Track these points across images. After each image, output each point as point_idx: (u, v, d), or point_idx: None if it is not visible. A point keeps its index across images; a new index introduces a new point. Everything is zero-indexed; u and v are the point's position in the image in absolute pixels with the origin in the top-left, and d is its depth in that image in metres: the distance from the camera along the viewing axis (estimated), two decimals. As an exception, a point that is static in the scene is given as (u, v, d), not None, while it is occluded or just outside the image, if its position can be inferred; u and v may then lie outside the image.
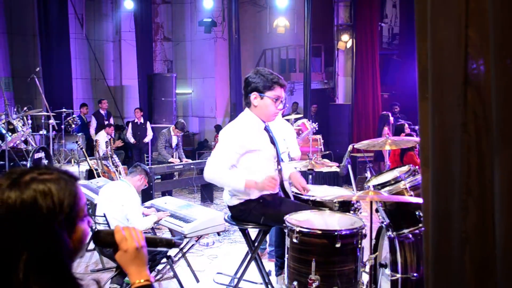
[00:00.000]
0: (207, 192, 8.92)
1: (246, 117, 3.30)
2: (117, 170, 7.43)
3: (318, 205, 3.27)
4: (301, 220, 2.82)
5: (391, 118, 10.29)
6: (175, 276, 4.56)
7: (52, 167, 1.39)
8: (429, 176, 1.62)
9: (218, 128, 13.59)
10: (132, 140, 10.90)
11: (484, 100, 1.27)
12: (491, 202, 1.27)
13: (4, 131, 6.90)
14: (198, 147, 14.44)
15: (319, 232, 2.64)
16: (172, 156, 8.98)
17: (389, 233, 2.92)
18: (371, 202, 2.75)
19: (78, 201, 1.30)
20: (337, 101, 13.52)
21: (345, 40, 13.20)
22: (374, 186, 3.20)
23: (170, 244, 1.59)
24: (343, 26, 13.28)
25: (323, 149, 9.97)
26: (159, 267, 4.84)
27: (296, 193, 3.51)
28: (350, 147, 4.01)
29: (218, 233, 4.92)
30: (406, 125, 8.40)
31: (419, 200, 2.66)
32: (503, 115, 1.19)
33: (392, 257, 2.87)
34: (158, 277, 4.99)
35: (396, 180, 3.13)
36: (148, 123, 11.12)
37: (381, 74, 13.08)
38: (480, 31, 1.29)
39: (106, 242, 1.43)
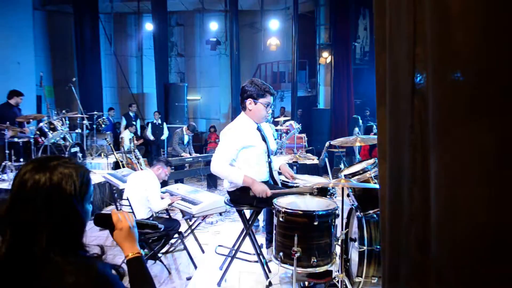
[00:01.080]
0: (212, 180, 8.98)
1: (242, 119, 3.33)
2: (138, 162, 7.43)
3: (301, 191, 3.30)
4: (286, 202, 2.84)
5: (361, 120, 10.35)
6: (185, 248, 4.58)
7: (72, 158, 1.40)
8: (385, 168, 1.65)
9: (213, 128, 13.59)
10: (151, 137, 10.92)
11: (427, 106, 1.30)
12: (429, 191, 1.29)
13: (46, 130, 6.89)
14: (205, 143, 14.43)
15: (301, 212, 2.66)
16: (184, 151, 8.99)
17: (358, 213, 2.94)
18: (342, 188, 2.76)
19: (90, 187, 1.34)
20: (318, 106, 13.54)
21: (326, 56, 13.23)
22: (345, 175, 3.22)
23: (154, 227, 1.61)
24: (324, 45, 13.30)
25: (307, 146, 9.97)
26: (172, 241, 4.87)
27: (283, 181, 3.55)
28: (327, 144, 4.03)
29: (220, 213, 4.96)
30: (374, 126, 8.42)
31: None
32: (437, 118, 1.22)
33: (359, 233, 2.89)
34: (171, 249, 5.02)
35: (364, 170, 3.15)
36: (164, 123, 11.12)
37: (355, 84, 13.11)
38: (424, 48, 1.32)
39: (106, 223, 1.46)
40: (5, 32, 10.46)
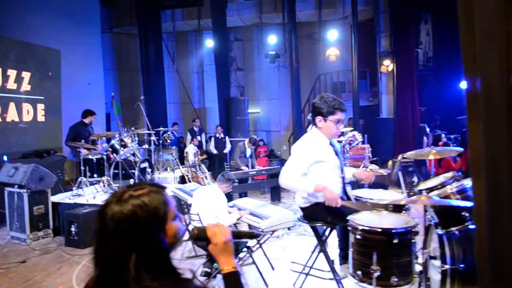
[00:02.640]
0: (276, 193, 8.96)
1: (314, 134, 3.30)
2: (205, 177, 7.57)
3: (375, 206, 3.20)
4: (362, 219, 2.77)
5: (427, 129, 9.95)
6: (254, 262, 4.59)
7: (144, 182, 1.44)
8: (480, 184, 1.57)
9: (262, 141, 13.50)
10: (214, 151, 11.12)
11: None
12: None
13: (118, 147, 7.20)
14: (268, 155, 14.47)
15: (379, 230, 2.58)
16: (246, 165, 9.07)
17: (438, 230, 2.81)
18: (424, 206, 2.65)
19: (167, 206, 1.36)
20: (381, 115, 13.20)
21: (387, 64, 12.91)
22: (423, 190, 3.09)
23: (252, 235, 1.64)
24: (385, 53, 12.99)
25: (370, 156, 9.72)
26: (241, 255, 4.90)
27: (356, 196, 3.47)
28: (400, 157, 3.90)
29: (288, 228, 4.93)
30: (443, 135, 8.08)
31: (468, 204, 2.54)
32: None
33: (441, 251, 2.75)
34: (239, 263, 5.05)
35: (443, 185, 3.01)
36: (227, 137, 11.30)
37: (418, 92, 12.68)
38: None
39: (200, 237, 1.48)
40: (77, 55, 11.11)
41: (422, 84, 13.19)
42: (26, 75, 8.49)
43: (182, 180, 8.86)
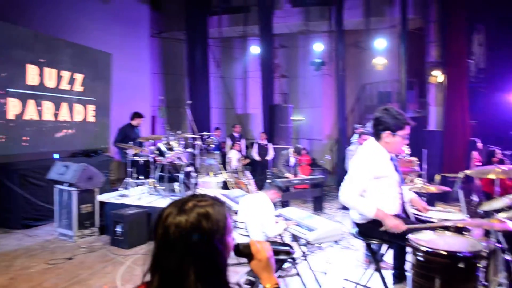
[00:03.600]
0: (318, 203, 8.81)
1: (374, 147, 3.14)
2: (249, 183, 7.54)
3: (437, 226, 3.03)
4: (424, 240, 2.62)
5: (479, 144, 9.52)
6: (298, 274, 4.49)
7: (206, 195, 1.42)
8: None
9: (304, 150, 13.28)
10: (257, 158, 11.09)
11: None
12: None
13: (164, 150, 7.28)
14: (312, 163, 14.29)
15: (444, 252, 2.43)
16: (289, 173, 8.97)
17: (507, 256, 2.62)
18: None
19: (228, 220, 1.36)
20: (428, 127, 12.77)
21: (436, 75, 12.49)
22: (488, 211, 2.90)
23: (288, 253, 1.69)
24: (434, 63, 12.58)
25: (418, 170, 9.41)
26: (285, 265, 4.81)
27: (416, 214, 3.30)
28: (461, 174, 3.70)
29: (336, 241, 4.80)
30: (498, 151, 7.70)
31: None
32: None
33: (510, 278, 2.57)
34: (283, 274, 4.95)
35: (511, 207, 2.82)
36: (270, 144, 11.25)
37: (469, 104, 12.19)
38: None
39: (244, 253, 1.47)
40: (126, 58, 11.39)
41: (473, 96, 12.68)
42: (79, 77, 8.75)
43: (225, 185, 8.87)
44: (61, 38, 8.53)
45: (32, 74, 7.65)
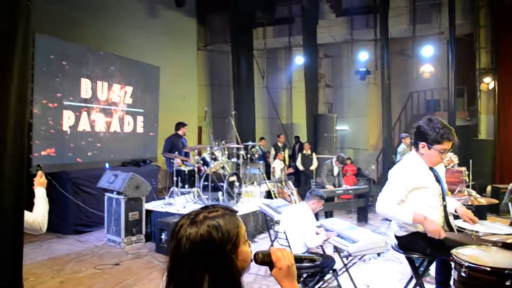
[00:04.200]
0: (363, 214, 8.61)
1: (413, 158, 3.03)
2: (291, 193, 7.49)
3: (482, 240, 2.87)
4: (468, 254, 2.48)
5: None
6: (339, 286, 4.39)
7: (217, 204, 1.44)
8: None
9: (349, 160, 12.98)
10: (301, 167, 11.02)
11: None
12: None
13: (209, 160, 7.37)
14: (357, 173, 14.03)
15: (489, 269, 2.28)
16: (333, 184, 8.83)
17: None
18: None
19: (240, 230, 1.37)
20: (479, 136, 12.21)
21: (487, 82, 11.94)
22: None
23: (312, 260, 1.56)
24: (485, 70, 12.03)
25: (467, 180, 9.01)
26: (326, 277, 4.71)
27: (459, 227, 3.14)
28: (510, 186, 3.49)
29: (378, 254, 4.65)
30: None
31: None
32: None
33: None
34: (323, 285, 4.85)
35: None
36: (313, 154, 11.15)
37: (523, 112, 11.56)
38: None
39: (265, 261, 1.43)
40: (174, 71, 11.69)
41: (527, 104, 12.03)
42: (129, 89, 9.05)
43: (268, 195, 8.85)
44: (112, 53, 8.87)
45: (85, 87, 8.00)
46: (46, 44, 7.17)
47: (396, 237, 3.08)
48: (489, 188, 10.32)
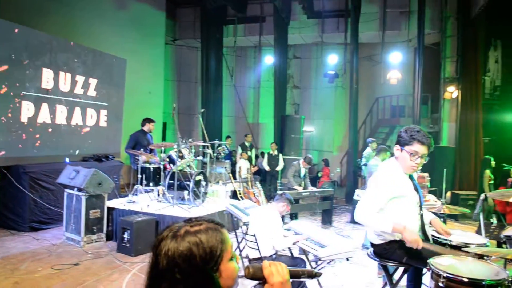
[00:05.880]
0: (327, 216, 8.67)
1: (392, 165, 3.02)
2: (259, 194, 7.43)
3: (454, 249, 2.89)
4: (445, 264, 2.48)
5: (493, 163, 9.31)
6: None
7: (201, 218, 1.34)
8: None
9: (325, 161, 13.25)
10: (267, 168, 11.00)
11: None
12: None
13: (175, 157, 7.20)
14: (316, 176, 14.19)
15: (466, 280, 2.29)
16: (300, 185, 8.86)
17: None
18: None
19: (225, 245, 1.27)
20: (441, 143, 12.58)
21: (451, 91, 12.32)
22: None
23: (311, 275, 1.46)
24: (449, 79, 12.41)
25: (429, 186, 9.24)
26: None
27: (434, 236, 3.16)
28: (482, 196, 3.56)
29: (347, 259, 4.65)
30: (512, 171, 7.50)
31: None
32: None
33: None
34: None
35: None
36: (280, 154, 11.15)
37: (483, 121, 11.99)
38: None
39: (256, 276, 1.34)
40: (140, 64, 11.40)
41: (487, 114, 12.48)
42: (93, 81, 8.74)
43: (234, 194, 8.76)
44: (77, 43, 8.54)
45: (47, 77, 7.65)
46: (5, 29, 6.81)
47: (373, 245, 3.06)
48: (448, 194, 10.63)
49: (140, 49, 11.59)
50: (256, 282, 1.37)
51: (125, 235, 5.95)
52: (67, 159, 7.87)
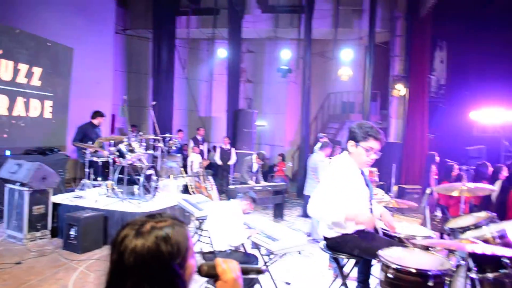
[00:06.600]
0: (279, 210, 8.79)
1: (345, 160, 3.12)
2: (212, 188, 7.41)
3: (402, 241, 3.03)
4: (394, 256, 2.59)
5: (437, 158, 9.78)
6: (259, 283, 4.40)
7: (165, 214, 1.32)
8: None
9: (281, 156, 13.43)
10: (219, 162, 10.98)
11: None
12: None
13: (125, 151, 7.03)
14: (269, 170, 14.32)
15: (414, 270, 2.41)
16: (252, 179, 8.92)
17: (472, 274, 2.62)
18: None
19: (189, 242, 1.27)
20: (389, 139, 13.06)
21: (399, 89, 12.80)
22: (454, 229, 2.92)
23: (259, 272, 1.52)
24: (398, 77, 12.89)
25: (377, 180, 9.56)
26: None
27: (384, 229, 3.29)
28: (428, 190, 3.74)
29: (299, 252, 4.76)
30: (456, 166, 7.89)
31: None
32: None
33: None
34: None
35: (477, 226, 2.84)
36: (233, 149, 11.16)
37: (428, 119, 12.57)
38: None
39: (209, 274, 1.37)
40: (88, 54, 10.99)
41: (432, 111, 13.10)
42: (37, 71, 8.35)
43: (185, 189, 8.69)
44: (20, 29, 8.12)
45: (-15, 64, 7.24)
46: None
47: (325, 238, 3.14)
48: (395, 188, 11.05)
49: (88, 38, 11.16)
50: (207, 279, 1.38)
51: (72, 232, 5.76)
52: (8, 152, 7.49)
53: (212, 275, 1.37)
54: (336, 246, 3.05)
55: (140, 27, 14.14)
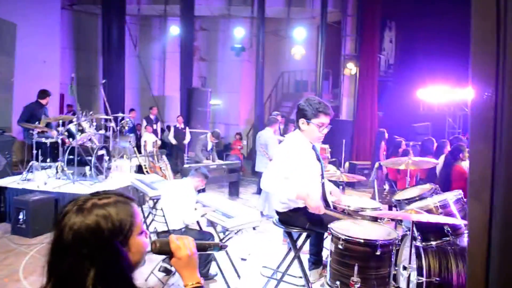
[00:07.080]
0: (234, 188, 8.85)
1: (296, 137, 3.18)
2: (166, 168, 7.34)
3: (352, 214, 3.15)
4: (344, 228, 2.69)
5: (386, 134, 10.12)
6: (216, 261, 4.46)
7: (110, 191, 1.29)
8: (477, 207, 1.50)
9: (239, 135, 13.48)
10: (173, 141, 10.86)
11: None
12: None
13: (75, 131, 6.81)
14: (224, 149, 14.32)
15: (362, 241, 2.52)
16: (207, 158, 8.90)
17: (417, 242, 2.78)
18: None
19: (135, 220, 1.23)
20: (340, 117, 13.36)
21: (350, 68, 13.07)
22: (400, 200, 3.06)
23: (220, 248, 1.50)
24: (349, 56, 13.15)
25: (329, 157, 9.80)
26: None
27: (334, 203, 3.40)
28: (376, 164, 3.88)
29: (254, 228, 4.83)
30: (403, 142, 8.21)
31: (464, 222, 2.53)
32: None
33: (418, 263, 2.73)
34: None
35: (421, 197, 2.99)
36: (187, 128, 11.06)
37: (378, 97, 12.94)
38: None
39: (163, 251, 1.35)
40: (33, 30, 10.45)
41: (382, 90, 13.47)
42: (-24, 47, 7.88)
43: (139, 169, 8.56)
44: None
45: None
46: None
47: (278, 212, 3.21)
48: (347, 164, 11.37)
49: (32, 13, 10.59)
50: (163, 256, 1.37)
51: (20, 216, 5.57)
52: None
53: (165, 251, 1.35)
54: (288, 220, 3.13)
55: (88, 2, 13.56)
